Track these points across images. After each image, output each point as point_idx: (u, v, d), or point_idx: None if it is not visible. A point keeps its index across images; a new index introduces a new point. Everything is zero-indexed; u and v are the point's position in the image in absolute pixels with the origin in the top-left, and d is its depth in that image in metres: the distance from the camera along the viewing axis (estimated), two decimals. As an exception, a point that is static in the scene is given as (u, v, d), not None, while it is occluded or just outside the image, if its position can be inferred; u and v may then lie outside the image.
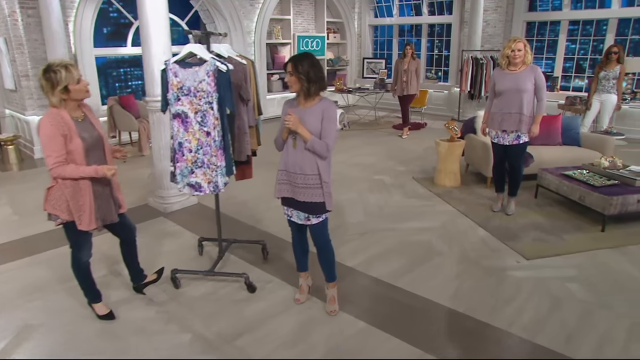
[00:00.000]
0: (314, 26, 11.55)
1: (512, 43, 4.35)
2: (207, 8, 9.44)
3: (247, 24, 9.83)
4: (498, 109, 4.52)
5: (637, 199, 4.35)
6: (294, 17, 11.01)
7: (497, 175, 4.89)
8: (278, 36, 10.62)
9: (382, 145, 7.93)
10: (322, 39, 11.34)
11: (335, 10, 11.85)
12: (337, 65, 11.95)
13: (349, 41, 12.21)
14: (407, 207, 5.04)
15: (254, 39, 10.00)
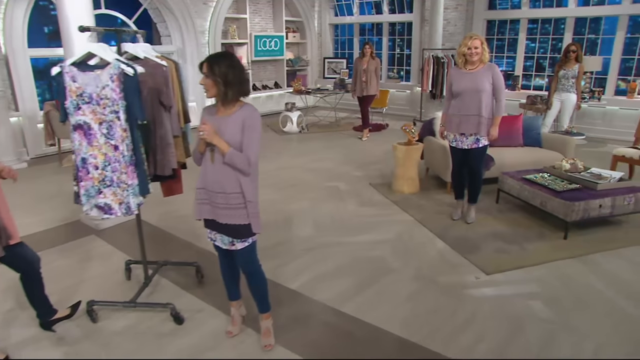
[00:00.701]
0: (272, 25, 11.11)
1: (469, 40, 4.04)
2: (157, 6, 8.88)
3: (201, 23, 9.31)
4: (456, 111, 4.21)
5: (599, 203, 4.09)
6: (251, 16, 10.54)
7: (456, 181, 4.58)
8: (234, 36, 10.13)
9: (340, 148, 7.57)
10: (281, 38, 10.91)
11: (294, 9, 11.43)
12: (297, 65, 11.54)
13: (309, 41, 11.82)
14: (361, 217, 4.67)
15: (208, 39, 9.49)
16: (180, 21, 8.94)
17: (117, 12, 8.33)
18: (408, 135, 5.18)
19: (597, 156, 6.95)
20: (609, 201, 4.12)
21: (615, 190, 4.24)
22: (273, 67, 11.38)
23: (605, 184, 4.29)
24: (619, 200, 4.15)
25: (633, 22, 8.13)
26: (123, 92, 2.52)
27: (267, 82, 11.24)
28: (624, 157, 5.38)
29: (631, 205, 4.21)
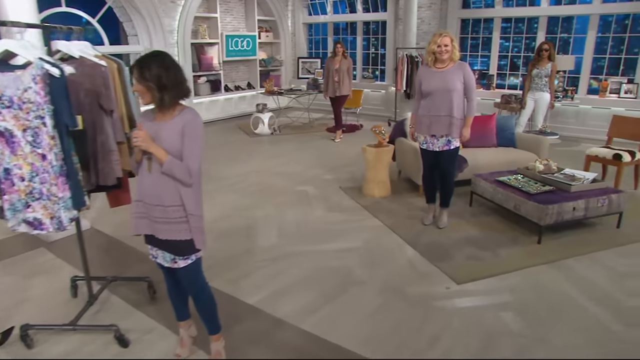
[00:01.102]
0: (245, 25, 10.82)
1: (438, 37, 3.85)
2: (122, 4, 8.51)
3: (169, 22, 8.97)
4: (426, 112, 4.02)
5: (573, 206, 3.95)
6: (223, 16, 10.24)
7: (427, 185, 4.40)
8: (204, 36, 9.81)
9: (312, 150, 7.34)
10: (253, 38, 10.63)
11: (267, 8, 11.16)
12: (270, 65, 11.27)
13: (283, 40, 11.56)
14: (328, 224, 4.45)
15: (177, 39, 9.16)
16: (147, 20, 8.59)
17: (78, 10, 7.94)
18: (378, 137, 4.98)
19: (571, 155, 6.87)
20: (582, 203, 3.98)
21: (589, 192, 4.11)
22: (246, 67, 11.10)
23: (578, 186, 4.15)
24: (593, 202, 4.02)
25: (603, 22, 8.10)
26: (49, 95, 2.25)
27: (239, 83, 10.94)
28: (597, 157, 5.27)
29: (604, 207, 4.08)
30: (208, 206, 4.99)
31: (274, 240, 4.13)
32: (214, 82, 10.06)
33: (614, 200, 4.10)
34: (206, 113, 9.92)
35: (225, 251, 3.91)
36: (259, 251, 3.92)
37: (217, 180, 5.82)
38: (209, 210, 4.79)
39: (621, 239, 4.04)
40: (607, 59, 8.13)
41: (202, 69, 9.80)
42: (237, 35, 10.32)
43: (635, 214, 4.50)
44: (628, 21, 7.84)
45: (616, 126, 5.52)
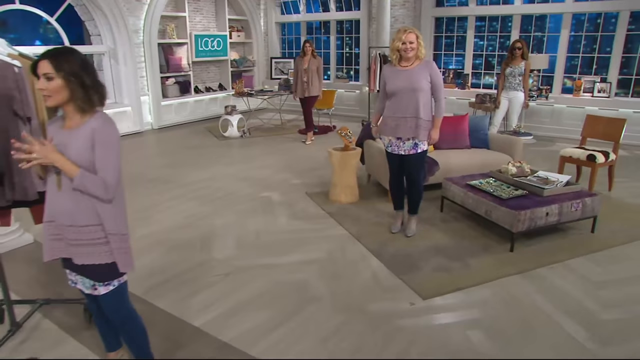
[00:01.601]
0: (215, 24, 10.46)
1: (403, 34, 3.58)
2: (84, 2, 8.09)
3: (134, 21, 8.57)
4: (391, 113, 3.77)
5: (546, 211, 3.73)
6: (192, 15, 9.88)
7: (394, 190, 4.14)
8: (172, 35, 9.43)
9: (281, 153, 7.03)
10: (224, 38, 10.28)
11: (238, 7, 10.81)
12: (242, 66, 10.93)
13: (255, 40, 11.22)
14: (291, 233, 4.16)
15: (143, 39, 8.76)
16: (110, 19, 8.18)
17: (34, 8, 7.50)
18: (344, 140, 4.71)
19: (546, 156, 6.71)
20: (555, 208, 3.76)
21: (562, 196, 3.90)
22: (217, 68, 10.74)
23: (551, 189, 3.94)
24: (566, 207, 3.80)
25: (576, 21, 7.98)
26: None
27: (210, 84, 10.58)
28: (571, 157, 5.08)
29: (578, 211, 3.87)
30: (164, 216, 4.73)
31: (231, 252, 3.82)
32: (183, 84, 9.68)
33: (587, 204, 3.89)
34: (175, 115, 9.56)
35: (176, 266, 3.59)
36: (214, 265, 3.60)
37: (178, 187, 5.49)
38: (164, 220, 4.47)
39: (595, 245, 3.84)
40: (580, 58, 8.01)
41: (170, 70, 9.41)
42: (207, 35, 9.96)
43: (609, 217, 4.32)
44: (600, 20, 7.73)
45: (590, 126, 5.35)
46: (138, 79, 8.75)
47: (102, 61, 8.58)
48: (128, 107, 8.67)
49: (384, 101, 3.85)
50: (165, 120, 9.35)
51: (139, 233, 4.18)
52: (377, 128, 4.00)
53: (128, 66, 8.51)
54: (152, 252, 3.82)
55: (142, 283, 3.31)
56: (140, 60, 8.79)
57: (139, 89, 8.78)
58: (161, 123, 9.25)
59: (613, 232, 4.07)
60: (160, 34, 9.28)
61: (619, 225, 4.22)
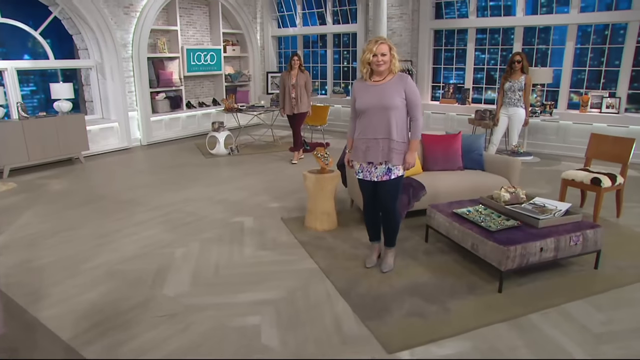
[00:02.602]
0: (210, 38, 10.18)
1: (374, 45, 3.15)
2: (70, 16, 7.83)
3: (122, 35, 8.30)
4: (361, 134, 3.33)
5: (540, 246, 3.23)
6: (185, 28, 9.61)
7: (369, 220, 3.66)
8: (163, 49, 9.14)
9: (265, 173, 6.61)
10: (218, 52, 9.97)
11: (233, 21, 10.53)
12: (237, 80, 10.60)
13: (251, 54, 10.90)
14: (254, 266, 3.71)
15: (132, 53, 8.48)
16: (97, 33, 7.90)
17: (17, 22, 7.24)
18: (319, 162, 4.27)
19: (550, 177, 6.20)
20: (551, 243, 3.26)
21: (560, 228, 3.40)
22: (211, 82, 10.43)
23: (547, 220, 3.44)
24: (564, 241, 3.30)
25: (582, 32, 7.49)
26: None
27: (204, 99, 10.26)
28: (574, 181, 4.57)
29: (578, 246, 3.36)
30: (124, 243, 4.19)
31: (184, 288, 3.38)
32: (174, 99, 9.36)
33: (589, 237, 3.38)
34: (165, 131, 9.24)
35: (119, 303, 3.16)
36: (161, 303, 3.16)
37: (149, 209, 5.09)
38: (122, 248, 4.07)
39: (599, 285, 3.32)
40: (587, 72, 7.50)
41: (160, 84, 9.10)
42: (200, 49, 9.66)
43: (617, 250, 3.80)
44: (607, 32, 7.23)
45: (595, 146, 4.84)
46: (126, 94, 8.45)
47: (89, 76, 8.30)
48: (115, 122, 8.36)
49: (355, 121, 3.41)
50: (155, 136, 9.03)
51: (91, 263, 3.79)
52: (349, 155, 3.53)
53: (115, 81, 8.21)
54: (96, 286, 3.40)
55: (73, 325, 2.90)
56: (128, 75, 8.50)
57: (127, 104, 8.47)
58: (150, 139, 8.92)
59: (620, 269, 3.54)
60: (151, 48, 9.01)
61: (627, 259, 3.70)
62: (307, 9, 10.45)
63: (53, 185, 6.17)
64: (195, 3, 9.79)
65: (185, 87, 9.62)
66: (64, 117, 7.11)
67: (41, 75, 8.56)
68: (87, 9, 7.63)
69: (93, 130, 7.96)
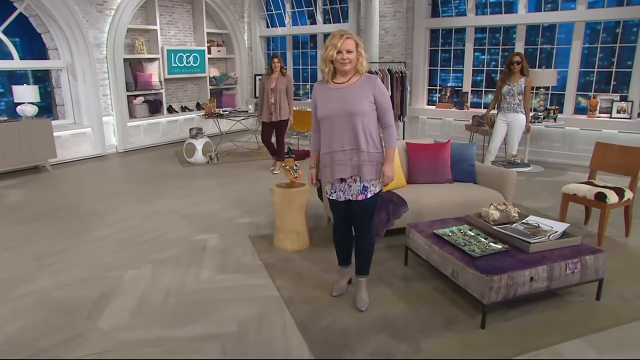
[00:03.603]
0: (193, 38, 9.92)
1: (338, 40, 2.77)
2: (37, 13, 7.58)
3: (95, 34, 8.05)
4: (326, 147, 2.97)
5: (530, 276, 2.89)
6: (166, 28, 9.36)
7: (340, 242, 3.29)
8: (142, 50, 8.89)
9: (242, 184, 6.31)
10: (201, 53, 9.71)
11: (219, 20, 10.28)
12: (222, 84, 10.33)
13: (238, 55, 10.64)
14: (208, 293, 3.38)
15: (106, 54, 8.22)
16: (67, 32, 7.65)
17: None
18: (287, 175, 3.95)
19: (554, 188, 5.85)
20: (543, 271, 2.91)
21: (554, 253, 3.06)
22: (195, 86, 10.17)
23: (540, 244, 3.10)
24: (559, 269, 2.95)
25: (590, 30, 7.16)
26: None
27: (187, 103, 9.99)
28: (576, 196, 4.22)
29: (576, 274, 3.02)
30: (70, 264, 3.84)
31: (124, 319, 3.06)
32: (154, 103, 9.09)
33: (589, 264, 3.04)
34: (144, 137, 8.97)
35: (40, 340, 2.83)
36: (91, 339, 2.83)
37: (108, 224, 4.79)
38: (67, 270, 3.78)
39: (601, 320, 2.97)
40: (596, 73, 7.16)
41: (138, 87, 8.83)
42: (182, 50, 9.40)
43: (623, 276, 3.47)
44: (619, 29, 6.90)
45: (600, 156, 4.49)
46: (100, 97, 8.19)
47: (60, 78, 8.04)
48: (88, 128, 8.09)
49: (319, 132, 3.07)
50: (133, 143, 8.75)
51: (23, 289, 3.48)
52: (314, 170, 3.16)
53: (88, 83, 7.95)
54: (19, 318, 3.08)
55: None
56: (103, 77, 8.24)
57: (102, 108, 8.21)
58: (127, 146, 8.65)
59: (626, 301, 3.19)
60: (128, 48, 8.76)
61: (636, 288, 3.35)
62: (297, 8, 10.19)
63: (10, 197, 5.89)
64: (177, 1, 9.55)
65: (165, 90, 9.34)
66: (28, 122, 6.84)
67: (9, 76, 8.31)
68: (55, 5, 7.37)
69: (63, 136, 7.70)
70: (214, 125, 8.77)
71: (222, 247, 4.21)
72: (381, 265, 3.71)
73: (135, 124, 8.79)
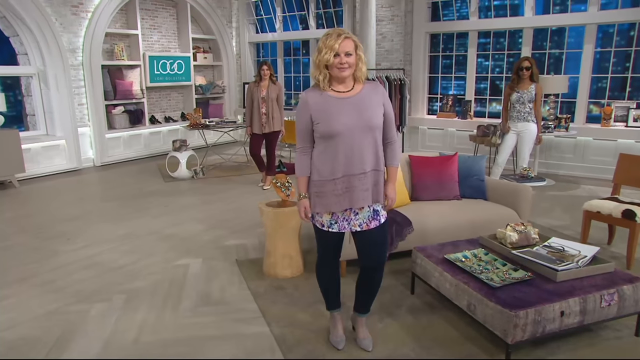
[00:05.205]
0: (178, 44, 9.65)
1: (335, 41, 2.40)
2: (4, 14, 7.26)
3: (70, 39, 7.75)
4: (335, 171, 2.49)
5: (561, 310, 2.58)
6: (148, 33, 9.10)
7: (328, 279, 2.84)
8: (122, 56, 8.59)
9: (229, 201, 5.99)
10: (186, 60, 9.44)
11: (205, 25, 10.03)
12: (209, 92, 10.05)
13: (226, 63, 10.39)
14: (187, 330, 3.04)
15: (82, 60, 7.91)
16: (38, 35, 7.33)
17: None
18: (278, 193, 3.64)
19: (568, 204, 5.59)
20: (575, 304, 2.61)
21: (586, 283, 2.76)
22: (180, 95, 9.88)
23: (569, 271, 2.80)
24: (593, 302, 2.65)
25: (603, 34, 6.97)
26: None
27: (171, 114, 9.68)
28: (600, 214, 3.94)
29: (613, 307, 2.72)
30: (29, 295, 3.48)
31: (83, 366, 2.72)
32: (135, 113, 8.78)
33: (627, 295, 2.74)
34: (124, 150, 8.65)
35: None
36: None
37: (74, 250, 4.44)
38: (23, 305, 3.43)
39: (641, 359, 2.68)
40: (610, 79, 6.95)
41: (118, 96, 8.53)
42: (165, 56, 9.13)
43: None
44: (634, 32, 6.69)
45: (624, 169, 4.23)
46: (76, 106, 7.87)
47: (30, 85, 7.71)
48: (61, 140, 7.75)
49: (309, 152, 2.60)
50: (112, 156, 8.42)
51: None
52: (306, 201, 2.63)
53: (61, 91, 7.62)
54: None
55: None
56: (78, 84, 7.93)
57: (77, 118, 7.88)
58: (106, 159, 8.32)
59: (666, 334, 2.90)
60: (107, 54, 8.48)
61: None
62: (288, 12, 9.96)
63: (-31, 216, 5.52)
64: (160, 4, 9.30)
65: (147, 99, 9.05)
66: (-8, 134, 6.50)
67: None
68: (24, 6, 7.07)
69: (34, 148, 7.36)
70: (200, 137, 8.46)
71: (205, 273, 3.88)
72: (384, 294, 3.39)
73: (115, 136, 8.46)
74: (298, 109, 2.60)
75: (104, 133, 8.25)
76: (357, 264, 2.77)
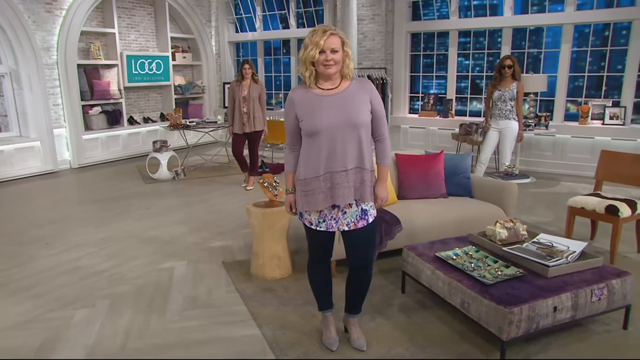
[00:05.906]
0: (156, 44, 9.48)
1: (321, 37, 2.35)
2: (-25, 13, 7.02)
3: (44, 37, 7.53)
4: (318, 167, 2.47)
5: (554, 305, 2.59)
6: (125, 32, 8.91)
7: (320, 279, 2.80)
8: (98, 56, 8.39)
9: (212, 202, 5.89)
10: (165, 59, 9.29)
11: (184, 24, 9.88)
12: (188, 92, 9.90)
13: (205, 62, 10.25)
14: (175, 335, 2.96)
15: (57, 59, 7.70)
16: (9, 33, 7.10)
17: None
18: (266, 193, 3.58)
19: (550, 201, 5.66)
20: (568, 300, 2.63)
21: (576, 278, 2.78)
22: (159, 95, 9.71)
23: (559, 267, 2.82)
24: (584, 296, 2.67)
25: (579, 34, 7.09)
26: None
27: (150, 114, 9.51)
28: (584, 209, 3.99)
29: (603, 301, 2.74)
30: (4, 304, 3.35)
31: (68, 375, 2.62)
32: (112, 113, 8.58)
33: (616, 289, 2.77)
34: (102, 151, 8.46)
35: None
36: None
37: (52, 255, 4.30)
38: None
39: (633, 352, 2.71)
40: (586, 78, 7.08)
41: (95, 97, 8.32)
42: (143, 55, 8.95)
43: (644, 301, 3.20)
44: (608, 32, 6.84)
45: (606, 166, 4.29)
46: (50, 107, 7.65)
47: (2, 85, 7.47)
48: (36, 141, 7.53)
49: (296, 151, 2.61)
50: (89, 158, 8.22)
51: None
52: (292, 196, 2.67)
53: (35, 92, 7.40)
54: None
55: None
56: (53, 84, 7.72)
57: (52, 119, 7.66)
58: (83, 161, 8.12)
59: (654, 327, 2.94)
60: (83, 53, 8.27)
61: (660, 313, 3.10)
62: (268, 11, 9.87)
63: (-59, 222, 5.31)
64: (138, 2, 9.12)
65: (126, 99, 8.86)
66: (-36, 136, 6.27)
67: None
68: (-4, 5, 6.86)
69: (6, 150, 7.15)
70: (180, 137, 8.33)
71: (191, 276, 3.79)
72: (375, 293, 3.37)
73: (92, 137, 8.26)
74: (285, 107, 2.60)
75: (80, 134, 8.05)
76: (346, 263, 2.73)
